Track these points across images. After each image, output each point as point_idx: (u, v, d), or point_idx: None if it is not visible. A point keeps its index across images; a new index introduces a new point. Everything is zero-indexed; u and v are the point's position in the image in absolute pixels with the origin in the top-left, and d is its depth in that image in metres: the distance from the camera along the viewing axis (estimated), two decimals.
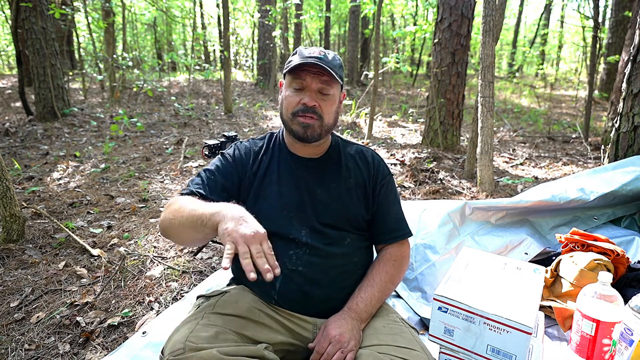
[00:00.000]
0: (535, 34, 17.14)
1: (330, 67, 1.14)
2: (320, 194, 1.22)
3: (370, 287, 1.19)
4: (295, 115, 1.16)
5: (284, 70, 1.21)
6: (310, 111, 1.15)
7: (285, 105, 1.19)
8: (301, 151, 1.26)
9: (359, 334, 1.11)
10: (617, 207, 2.18)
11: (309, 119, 1.16)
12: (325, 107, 1.17)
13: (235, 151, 1.28)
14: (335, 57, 1.21)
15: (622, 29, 7.94)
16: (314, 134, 1.17)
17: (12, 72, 13.35)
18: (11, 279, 1.97)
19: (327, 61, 1.16)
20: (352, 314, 1.14)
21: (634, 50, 2.46)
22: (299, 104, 1.16)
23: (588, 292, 1.28)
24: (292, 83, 1.18)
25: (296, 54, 1.20)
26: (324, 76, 1.15)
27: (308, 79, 1.15)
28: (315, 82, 1.15)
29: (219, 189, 1.20)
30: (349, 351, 1.05)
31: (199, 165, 3.94)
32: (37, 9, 5.27)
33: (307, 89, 1.16)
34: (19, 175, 3.53)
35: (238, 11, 14.97)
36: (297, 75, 1.16)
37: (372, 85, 5.28)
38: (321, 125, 1.18)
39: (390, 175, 1.33)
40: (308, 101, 1.15)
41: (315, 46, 1.22)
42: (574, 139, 5.53)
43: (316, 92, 1.16)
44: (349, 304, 1.16)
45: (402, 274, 1.29)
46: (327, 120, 1.19)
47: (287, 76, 1.20)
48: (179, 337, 0.98)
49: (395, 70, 13.13)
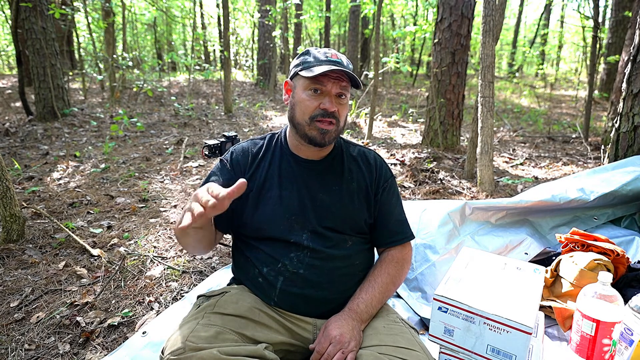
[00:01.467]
0: (535, 34, 17.14)
1: (350, 73, 1.14)
2: (322, 197, 1.21)
3: (372, 289, 1.19)
4: (314, 120, 1.14)
5: (297, 71, 1.17)
6: (331, 116, 1.14)
7: (301, 108, 1.16)
8: (305, 153, 1.24)
9: (360, 335, 1.11)
10: (617, 207, 2.18)
11: (327, 124, 1.14)
12: (342, 111, 1.17)
13: (232, 156, 1.26)
14: (349, 62, 1.20)
15: (622, 29, 7.94)
16: (330, 139, 1.17)
17: (12, 72, 13.36)
18: (11, 279, 1.97)
19: (345, 66, 1.15)
20: (353, 315, 1.13)
21: (634, 50, 2.46)
22: (318, 109, 1.14)
23: (588, 292, 1.28)
24: (309, 86, 1.15)
25: (307, 54, 1.18)
26: (343, 82, 1.15)
27: (329, 84, 1.13)
28: (335, 88, 1.14)
29: None
30: (349, 352, 1.05)
31: (199, 165, 3.94)
32: (37, 9, 5.27)
33: (327, 93, 1.14)
34: (19, 175, 3.53)
35: (238, 11, 14.98)
36: (317, 79, 1.13)
37: (372, 85, 5.28)
38: (337, 130, 1.18)
39: (392, 178, 1.32)
40: (329, 106, 1.13)
41: (326, 48, 1.21)
42: (574, 139, 5.54)
43: (335, 96, 1.15)
44: (350, 305, 1.16)
45: (404, 275, 1.29)
46: (342, 124, 1.19)
47: (301, 78, 1.17)
48: (179, 337, 0.98)
49: (395, 70, 13.14)
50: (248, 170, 1.23)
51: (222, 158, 1.28)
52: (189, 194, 3.18)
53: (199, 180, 3.50)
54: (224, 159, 1.27)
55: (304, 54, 1.20)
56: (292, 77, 1.22)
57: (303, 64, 1.17)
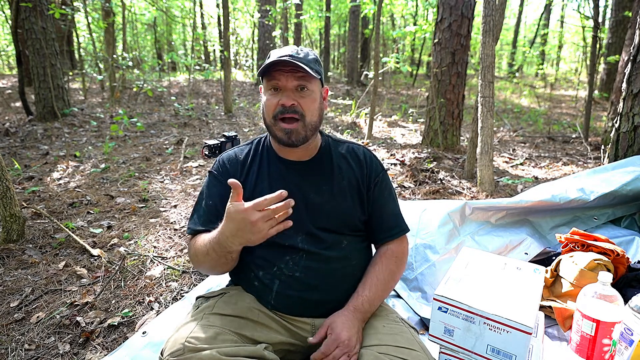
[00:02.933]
0: (535, 34, 17.14)
1: (304, 63, 1.10)
2: (313, 198, 1.19)
3: (374, 287, 1.18)
4: (277, 119, 1.13)
5: (257, 75, 1.19)
6: (291, 111, 1.11)
7: (266, 109, 1.15)
8: (290, 155, 1.23)
9: (361, 335, 1.11)
10: (617, 207, 2.18)
11: (290, 122, 1.12)
12: (305, 104, 1.13)
13: (220, 167, 1.25)
14: (310, 53, 1.17)
15: (622, 29, 7.94)
16: (298, 138, 1.14)
17: (12, 72, 13.36)
18: (11, 279, 1.97)
19: (300, 58, 1.12)
20: (358, 315, 1.13)
21: (634, 50, 2.46)
22: (278, 106, 1.12)
23: (588, 292, 1.28)
24: (267, 86, 1.15)
25: (269, 57, 1.17)
26: (298, 73, 1.11)
27: (282, 79, 1.11)
28: (291, 81, 1.11)
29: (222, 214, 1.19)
30: (354, 354, 1.05)
31: (199, 165, 3.94)
32: (37, 9, 5.27)
33: (283, 88, 1.12)
34: (19, 175, 3.53)
35: (238, 11, 14.98)
36: (272, 76, 1.12)
37: (372, 85, 5.28)
38: (304, 126, 1.13)
39: (384, 171, 1.30)
40: (285, 101, 1.11)
41: (288, 45, 1.19)
42: (574, 139, 5.53)
43: (293, 90, 1.12)
44: (355, 304, 1.14)
45: (403, 270, 1.28)
46: (309, 118, 1.14)
47: (264, 80, 1.17)
48: (178, 338, 0.98)
49: (395, 70, 13.14)
50: (239, 178, 1.21)
51: (212, 170, 1.26)
52: (189, 194, 3.18)
53: (199, 180, 3.50)
54: (214, 171, 1.26)
55: (267, 57, 1.19)
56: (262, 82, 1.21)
57: (263, 66, 1.16)
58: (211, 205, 1.20)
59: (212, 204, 1.20)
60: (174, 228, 2.56)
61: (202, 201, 1.23)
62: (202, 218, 1.20)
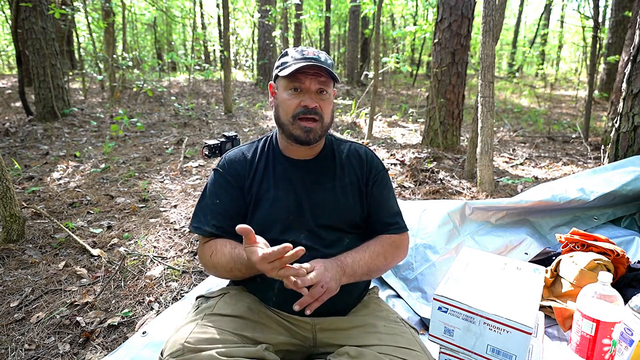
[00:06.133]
0: (535, 34, 17.14)
1: (327, 68, 1.15)
2: (316, 196, 1.21)
3: (362, 251, 1.18)
4: (296, 119, 1.16)
5: (277, 72, 1.19)
6: (312, 112, 1.15)
7: (284, 108, 1.18)
8: (296, 153, 1.25)
9: (337, 285, 1.09)
10: (617, 207, 2.18)
11: (310, 122, 1.16)
12: (324, 107, 1.18)
13: (226, 164, 1.26)
14: (327, 57, 1.21)
15: (622, 29, 7.94)
16: (315, 136, 1.17)
17: (12, 72, 13.35)
18: (11, 279, 1.97)
19: (322, 61, 1.16)
20: (339, 264, 1.12)
21: (634, 50, 2.46)
22: (299, 106, 1.15)
23: (588, 292, 1.28)
24: (289, 85, 1.16)
25: (286, 55, 1.19)
26: (321, 77, 1.16)
27: (307, 81, 1.15)
28: (314, 84, 1.15)
29: (232, 214, 1.20)
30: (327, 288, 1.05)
31: (199, 165, 3.94)
32: (37, 9, 5.27)
33: (306, 90, 1.16)
34: (19, 175, 3.53)
35: (238, 11, 14.98)
36: (295, 77, 1.15)
37: (372, 85, 5.28)
38: (322, 127, 1.18)
39: (384, 170, 1.32)
40: (310, 103, 1.15)
41: (304, 46, 1.21)
42: (574, 139, 5.53)
43: (315, 93, 1.16)
44: (338, 256, 1.15)
45: (396, 258, 1.27)
46: (326, 120, 1.19)
47: (281, 79, 1.18)
48: (178, 338, 0.98)
49: (395, 70, 13.13)
50: (247, 177, 1.23)
51: (218, 168, 1.26)
52: (189, 194, 3.18)
53: (199, 180, 3.50)
54: (219, 169, 1.26)
55: (283, 55, 1.21)
56: (275, 80, 1.23)
57: (282, 65, 1.18)
58: (218, 204, 1.21)
59: (219, 202, 1.21)
60: (174, 228, 2.56)
61: (207, 199, 1.24)
62: (208, 217, 1.21)
